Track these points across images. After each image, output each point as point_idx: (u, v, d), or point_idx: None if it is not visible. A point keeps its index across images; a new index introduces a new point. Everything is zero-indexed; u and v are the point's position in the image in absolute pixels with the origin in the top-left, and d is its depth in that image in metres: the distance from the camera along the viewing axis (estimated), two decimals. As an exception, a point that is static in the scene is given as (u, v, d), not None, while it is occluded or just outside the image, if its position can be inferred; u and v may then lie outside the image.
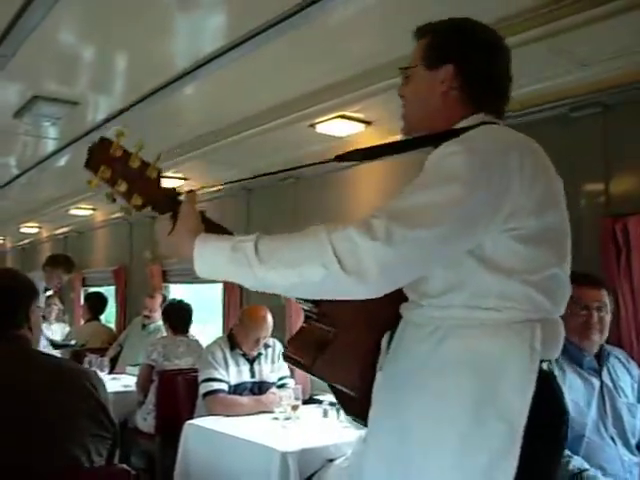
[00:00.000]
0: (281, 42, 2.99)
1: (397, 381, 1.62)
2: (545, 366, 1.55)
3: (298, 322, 4.59)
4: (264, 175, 1.91)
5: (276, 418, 3.76)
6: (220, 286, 6.14)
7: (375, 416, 1.69)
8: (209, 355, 4.23)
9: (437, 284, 1.55)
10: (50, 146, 5.24)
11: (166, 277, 7.29)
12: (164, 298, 6.49)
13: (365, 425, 1.75)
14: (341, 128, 4.08)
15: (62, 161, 5.60)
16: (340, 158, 1.70)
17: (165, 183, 1.66)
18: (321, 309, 1.74)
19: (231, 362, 4.24)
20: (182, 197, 1.63)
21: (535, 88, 3.26)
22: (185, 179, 5.84)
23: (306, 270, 1.39)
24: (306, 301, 1.75)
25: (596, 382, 2.86)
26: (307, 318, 1.83)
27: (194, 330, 5.69)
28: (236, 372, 4.23)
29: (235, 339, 4.30)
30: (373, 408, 1.69)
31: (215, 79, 3.52)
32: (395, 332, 1.69)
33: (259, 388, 4.26)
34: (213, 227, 1.62)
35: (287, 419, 3.70)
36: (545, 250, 1.53)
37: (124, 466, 2.20)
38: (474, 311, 1.51)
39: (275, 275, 1.42)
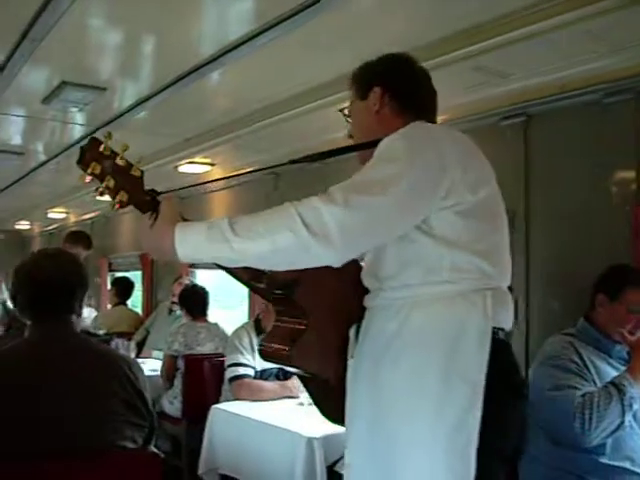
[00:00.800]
0: (309, 26, 2.96)
1: (370, 362, 1.79)
2: (500, 334, 1.74)
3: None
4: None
5: (301, 403, 3.76)
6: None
7: (352, 403, 1.86)
8: (236, 340, 4.26)
9: (392, 265, 1.76)
10: (77, 132, 5.27)
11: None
12: (191, 284, 6.52)
13: (342, 424, 1.94)
14: (369, 113, 4.04)
15: (89, 147, 5.61)
16: (294, 161, 1.98)
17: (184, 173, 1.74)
18: (292, 303, 1.89)
19: (257, 347, 4.24)
20: (161, 197, 1.76)
21: (568, 73, 3.23)
22: (212, 164, 5.84)
23: (278, 237, 1.55)
24: (276, 296, 1.91)
25: (625, 371, 2.83)
26: (279, 314, 1.98)
27: (220, 316, 5.71)
28: (262, 358, 4.24)
29: (262, 324, 4.32)
30: (349, 397, 1.87)
31: (243, 64, 3.51)
32: (362, 323, 1.87)
33: (284, 374, 4.26)
34: None
35: (312, 404, 3.69)
36: (483, 222, 1.75)
37: (154, 450, 2.23)
38: (431, 286, 1.71)
39: (250, 245, 1.57)
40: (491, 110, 3.80)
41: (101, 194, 1.73)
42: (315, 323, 1.90)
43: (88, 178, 1.71)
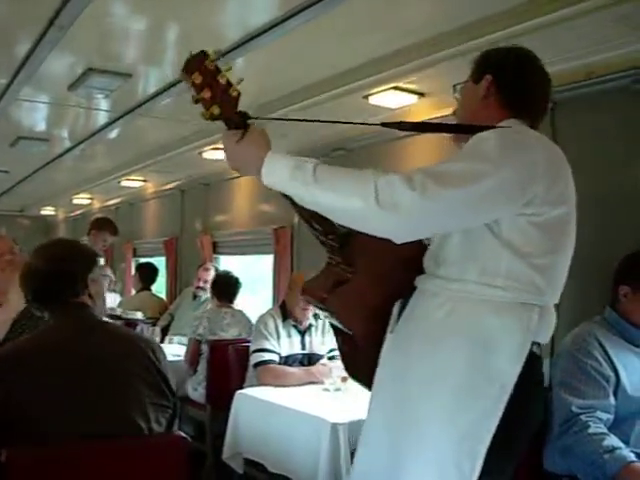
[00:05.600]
0: (335, 13, 2.95)
1: (406, 345, 1.86)
2: (535, 348, 1.79)
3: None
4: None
5: (326, 389, 3.78)
6: (270, 258, 6.17)
7: (381, 377, 1.92)
8: (261, 325, 4.27)
9: (453, 254, 1.80)
10: (102, 118, 5.29)
11: (216, 248, 7.33)
12: (216, 270, 6.55)
13: (367, 387, 2.00)
14: (394, 100, 4.03)
15: (114, 133, 5.65)
16: (386, 125, 1.94)
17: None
18: (343, 253, 1.98)
19: (283, 333, 4.27)
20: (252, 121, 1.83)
21: (596, 59, 3.19)
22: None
23: (349, 198, 1.64)
24: (332, 247, 1.99)
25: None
26: (329, 259, 2.06)
27: (245, 301, 5.74)
28: (287, 343, 4.26)
29: (287, 308, 4.34)
30: (380, 369, 1.93)
31: (268, 51, 3.50)
32: (408, 301, 1.91)
33: (309, 360, 4.29)
34: None
35: (337, 390, 3.72)
36: (551, 238, 1.77)
37: (181, 433, 2.24)
38: (483, 287, 1.74)
39: (323, 195, 1.67)
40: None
41: (196, 102, 1.79)
42: (359, 278, 1.98)
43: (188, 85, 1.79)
